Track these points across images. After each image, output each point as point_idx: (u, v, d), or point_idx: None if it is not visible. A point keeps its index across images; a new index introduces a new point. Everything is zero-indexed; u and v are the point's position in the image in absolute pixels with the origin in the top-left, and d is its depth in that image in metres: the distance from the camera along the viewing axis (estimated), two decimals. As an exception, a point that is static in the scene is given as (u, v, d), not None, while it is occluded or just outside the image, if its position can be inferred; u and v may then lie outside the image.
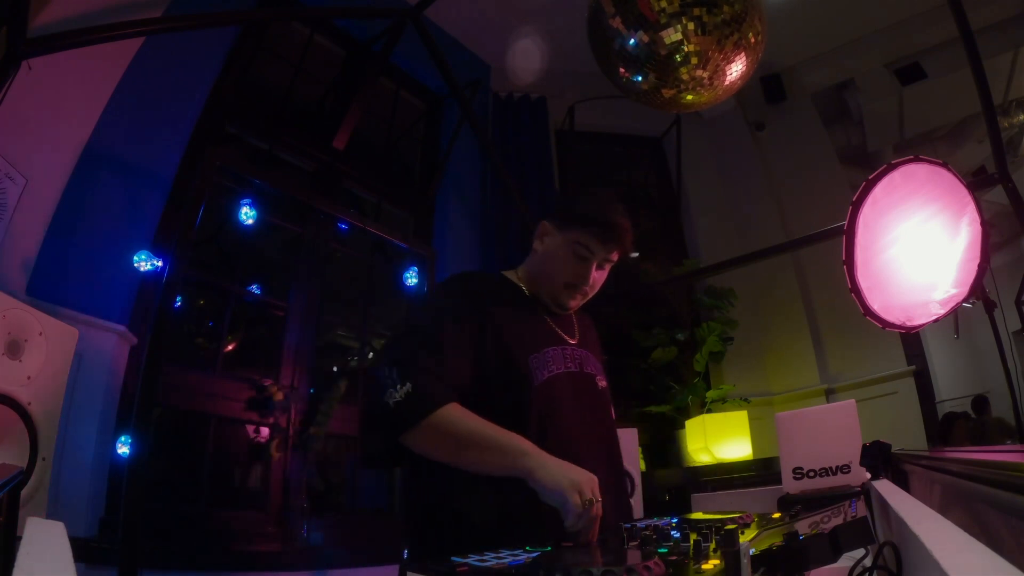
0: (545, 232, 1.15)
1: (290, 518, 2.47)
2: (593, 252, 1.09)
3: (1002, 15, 3.90)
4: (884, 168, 1.74)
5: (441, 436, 0.91)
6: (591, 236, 1.09)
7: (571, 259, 1.10)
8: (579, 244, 1.09)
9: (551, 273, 1.12)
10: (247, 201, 2.42)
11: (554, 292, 1.12)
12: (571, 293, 1.12)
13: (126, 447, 2.05)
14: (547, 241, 1.14)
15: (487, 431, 0.91)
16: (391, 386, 0.91)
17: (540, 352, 1.06)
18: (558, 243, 1.11)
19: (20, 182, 1.93)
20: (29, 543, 0.58)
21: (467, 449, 0.91)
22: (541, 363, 1.04)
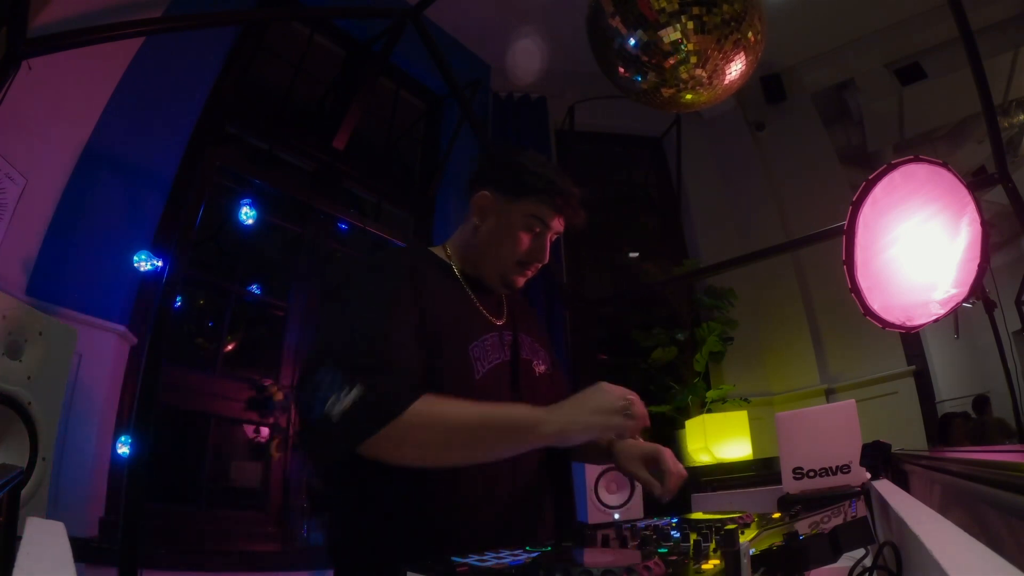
0: (487, 204, 1.00)
1: (290, 518, 2.47)
2: (548, 225, 0.99)
3: (1002, 15, 3.90)
4: (884, 168, 1.74)
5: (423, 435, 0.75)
6: (547, 207, 0.98)
7: (524, 234, 0.98)
8: (533, 217, 0.98)
9: (500, 250, 0.99)
10: (247, 201, 2.42)
11: (503, 270, 1.00)
12: (522, 270, 1.01)
13: (126, 447, 2.05)
14: (490, 215, 1.00)
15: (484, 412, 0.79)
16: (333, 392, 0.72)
17: (479, 340, 0.93)
18: (506, 216, 0.99)
19: (20, 182, 1.93)
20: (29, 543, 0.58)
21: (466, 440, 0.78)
22: (481, 353, 0.93)
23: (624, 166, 4.88)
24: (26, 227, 1.96)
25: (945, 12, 2.00)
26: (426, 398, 0.76)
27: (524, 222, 0.98)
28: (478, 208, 1.02)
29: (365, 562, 0.85)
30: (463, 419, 0.78)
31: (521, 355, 1.01)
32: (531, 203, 0.98)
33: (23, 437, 1.24)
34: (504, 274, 1.00)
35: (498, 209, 1.00)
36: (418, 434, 0.75)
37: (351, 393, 0.72)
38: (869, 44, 4.29)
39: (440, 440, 0.77)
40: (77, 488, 1.90)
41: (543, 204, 0.98)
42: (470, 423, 0.78)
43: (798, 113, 4.41)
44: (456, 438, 0.78)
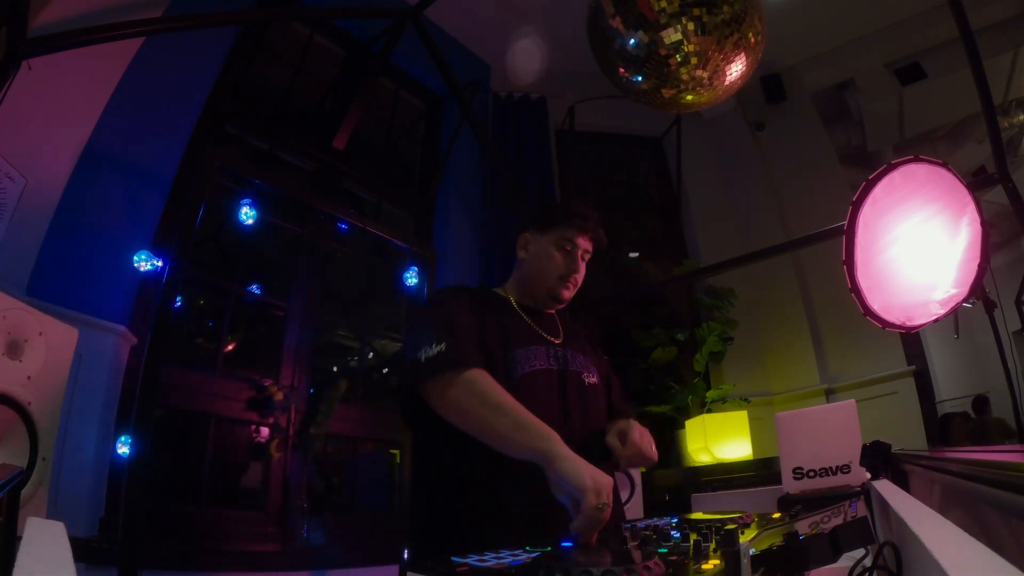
0: (527, 242, 1.27)
1: (290, 518, 2.47)
2: (576, 244, 1.24)
3: (1002, 15, 3.90)
4: (884, 168, 1.74)
5: (468, 394, 0.94)
6: (572, 229, 1.23)
7: (558, 254, 1.23)
8: (563, 239, 1.23)
9: (543, 272, 1.24)
10: (247, 201, 2.42)
11: (549, 287, 1.23)
12: (564, 283, 1.23)
13: (126, 447, 2.05)
14: (531, 248, 1.26)
15: (514, 403, 0.92)
16: (426, 344, 0.98)
17: (527, 347, 1.14)
18: (543, 245, 1.24)
19: (20, 182, 1.93)
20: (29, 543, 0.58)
21: (491, 413, 0.92)
22: (526, 357, 1.12)
23: (624, 166, 4.88)
24: (26, 227, 1.96)
25: (945, 12, 2.00)
26: (484, 372, 0.97)
27: (556, 244, 1.24)
28: (521, 246, 1.29)
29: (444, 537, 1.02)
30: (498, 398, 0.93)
31: (570, 367, 1.19)
32: (559, 230, 1.24)
33: (23, 437, 1.24)
34: (550, 289, 1.24)
35: (536, 241, 1.26)
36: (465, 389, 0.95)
37: (436, 347, 0.97)
38: (869, 44, 4.29)
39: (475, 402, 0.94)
40: (77, 488, 1.90)
41: (569, 228, 1.24)
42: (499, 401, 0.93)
43: (798, 113, 4.41)
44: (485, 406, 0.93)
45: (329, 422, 2.63)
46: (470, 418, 0.94)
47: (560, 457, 0.84)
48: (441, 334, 0.99)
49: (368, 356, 3.69)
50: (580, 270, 1.25)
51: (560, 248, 1.24)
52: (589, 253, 1.28)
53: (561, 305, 1.27)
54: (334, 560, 2.39)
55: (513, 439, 0.90)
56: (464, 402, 0.94)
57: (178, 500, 2.33)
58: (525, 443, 0.88)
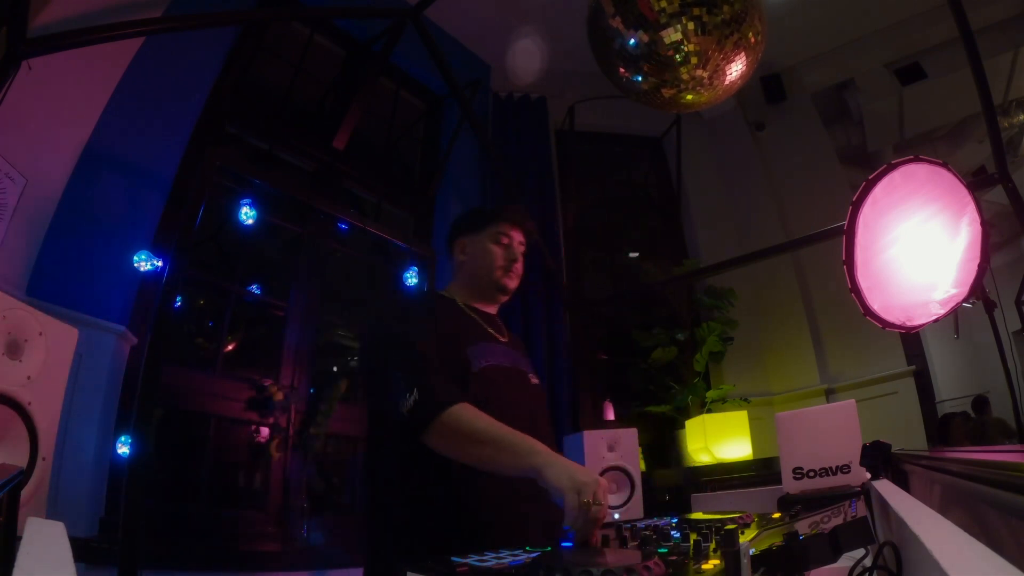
0: (464, 246, 1.35)
1: (290, 518, 2.47)
2: (510, 236, 1.32)
3: (1002, 15, 3.90)
4: (884, 168, 1.73)
5: (453, 434, 0.98)
6: (504, 223, 1.32)
7: (496, 248, 1.31)
8: (497, 233, 1.31)
9: (486, 267, 1.31)
10: (247, 201, 2.42)
11: (494, 279, 1.31)
12: (507, 273, 1.31)
13: (126, 447, 2.05)
14: (469, 249, 1.34)
15: (497, 430, 0.96)
16: (400, 395, 1.01)
17: (475, 345, 1.20)
18: (480, 243, 1.32)
19: (20, 182, 1.93)
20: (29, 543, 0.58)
21: (479, 446, 0.96)
22: (477, 354, 1.18)
23: (624, 166, 4.87)
24: (26, 227, 1.96)
25: (945, 12, 2.00)
26: (464, 405, 1.00)
27: (493, 239, 1.31)
28: (459, 251, 1.36)
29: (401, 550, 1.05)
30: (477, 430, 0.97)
31: (518, 366, 1.26)
32: (492, 226, 1.32)
33: (23, 437, 1.24)
34: (495, 281, 1.30)
35: (472, 243, 1.33)
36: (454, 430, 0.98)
37: (411, 397, 1.00)
38: (869, 44, 4.29)
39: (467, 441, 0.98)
40: (77, 488, 1.90)
41: (499, 222, 1.32)
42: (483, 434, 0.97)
43: (798, 113, 4.41)
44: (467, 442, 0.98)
45: (329, 422, 2.63)
46: (461, 456, 0.99)
47: (546, 465, 0.88)
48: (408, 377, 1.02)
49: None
50: (519, 259, 1.33)
51: (496, 242, 1.31)
52: (524, 245, 1.35)
53: (506, 296, 1.34)
54: (334, 560, 2.39)
55: (502, 464, 0.94)
56: (449, 445, 0.99)
57: (178, 500, 2.33)
58: (513, 464, 0.92)
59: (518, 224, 1.34)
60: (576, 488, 0.81)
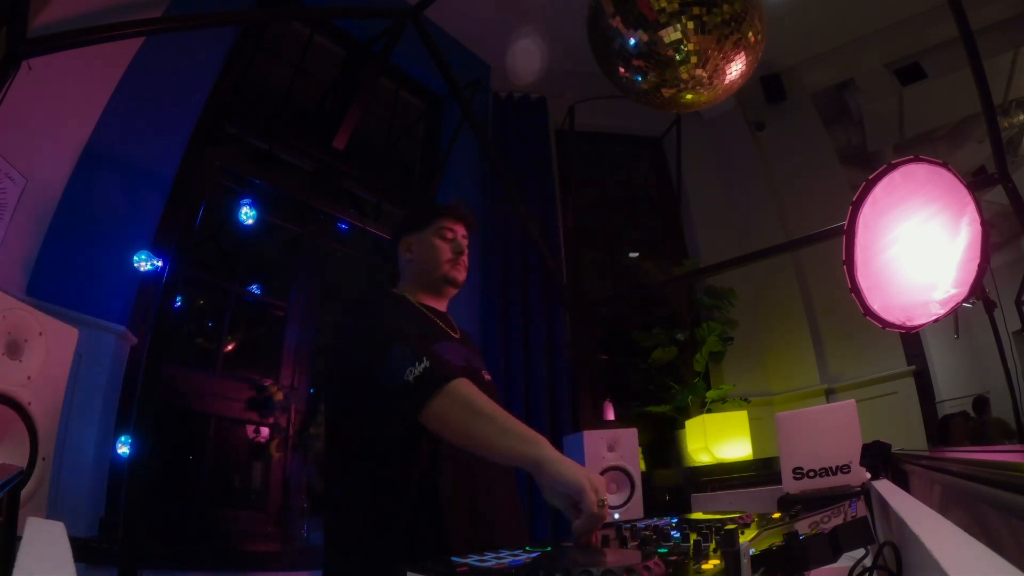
0: (407, 245, 1.36)
1: (290, 518, 2.47)
2: (454, 229, 1.34)
3: (1002, 15, 3.90)
4: (884, 168, 1.73)
5: (458, 405, 0.95)
6: (445, 217, 1.34)
7: (440, 242, 1.32)
8: (440, 228, 1.33)
9: (433, 261, 1.32)
10: (247, 201, 2.42)
11: (442, 273, 1.32)
12: (454, 265, 1.33)
13: (126, 447, 2.05)
14: (414, 247, 1.34)
15: (502, 411, 0.94)
16: (406, 364, 0.97)
17: (439, 344, 1.20)
18: (424, 240, 1.33)
19: (20, 182, 1.93)
20: (29, 543, 0.58)
21: (482, 423, 0.92)
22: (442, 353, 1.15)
23: (624, 166, 4.87)
24: (26, 227, 1.96)
25: (945, 12, 2.00)
26: (466, 380, 0.98)
27: (437, 234, 1.33)
28: (404, 250, 1.36)
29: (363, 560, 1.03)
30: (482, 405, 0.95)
31: (472, 364, 1.26)
32: (434, 223, 1.34)
33: (23, 437, 1.24)
34: (444, 274, 1.32)
35: (416, 241, 1.34)
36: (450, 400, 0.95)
37: (421, 364, 0.97)
38: (869, 44, 4.29)
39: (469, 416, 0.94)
40: (77, 488, 1.90)
41: (442, 217, 1.34)
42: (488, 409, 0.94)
43: (798, 113, 4.40)
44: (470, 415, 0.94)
45: (329, 422, 2.63)
46: (459, 432, 0.94)
47: (550, 460, 0.84)
48: (415, 348, 1.00)
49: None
50: (464, 251, 1.35)
51: (440, 237, 1.33)
52: (467, 238, 1.37)
53: (456, 289, 1.35)
54: (334, 560, 2.39)
55: (500, 446, 0.90)
56: (450, 418, 0.94)
57: (178, 500, 2.33)
58: (513, 449, 0.88)
59: (460, 218, 1.36)
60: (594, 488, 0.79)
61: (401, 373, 0.97)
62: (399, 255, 1.37)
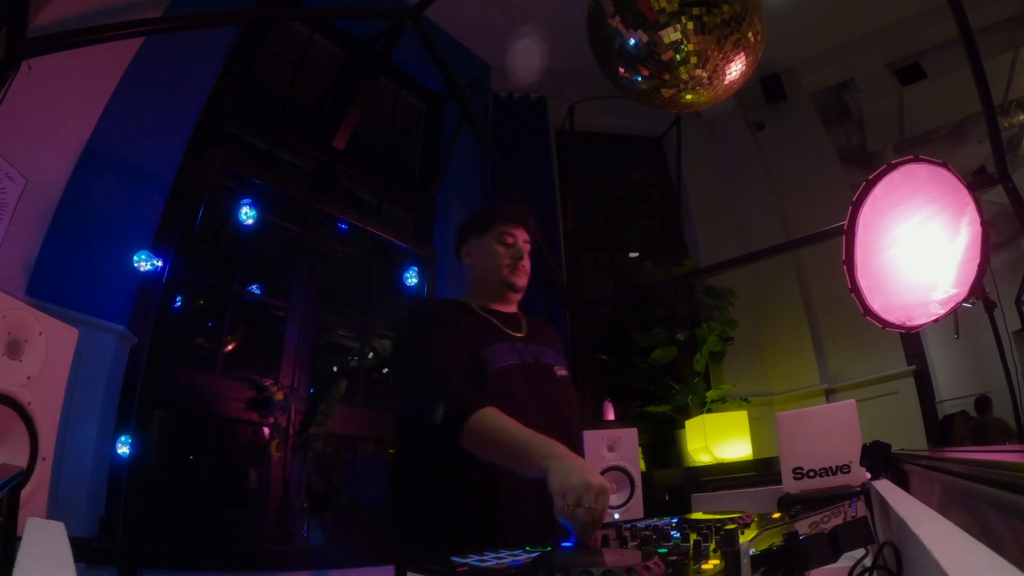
0: (468, 252, 1.38)
1: (290, 518, 2.47)
2: (514, 235, 1.34)
3: (1002, 15, 3.90)
4: (884, 168, 1.73)
5: (478, 438, 1.02)
6: (505, 223, 1.34)
7: (500, 247, 1.33)
8: (500, 234, 1.34)
9: (492, 267, 1.34)
10: (247, 201, 2.42)
11: (502, 278, 1.33)
12: (513, 270, 1.33)
13: (126, 447, 2.05)
14: (474, 253, 1.37)
15: (515, 434, 0.99)
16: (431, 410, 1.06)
17: (491, 346, 1.23)
18: (484, 245, 1.35)
19: (20, 182, 1.93)
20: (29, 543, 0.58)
21: (500, 450, 1.00)
22: (493, 355, 1.21)
23: (624, 166, 4.87)
24: (26, 227, 1.96)
25: (945, 12, 2.00)
26: (487, 410, 1.03)
27: (496, 239, 1.34)
28: (465, 255, 1.39)
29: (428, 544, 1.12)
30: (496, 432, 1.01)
31: (541, 360, 1.28)
32: (494, 228, 1.34)
33: (23, 437, 1.24)
34: (503, 279, 1.32)
35: (477, 246, 1.36)
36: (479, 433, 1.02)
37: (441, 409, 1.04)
38: (869, 44, 4.28)
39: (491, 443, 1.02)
40: (77, 488, 1.90)
41: (500, 222, 1.35)
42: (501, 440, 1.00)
43: (798, 113, 4.40)
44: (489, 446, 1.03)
45: (329, 422, 2.63)
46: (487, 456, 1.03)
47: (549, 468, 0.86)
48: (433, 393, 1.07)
49: (368, 356, 3.69)
50: (524, 256, 1.35)
51: (500, 242, 1.34)
52: (529, 243, 1.38)
53: (518, 293, 1.36)
54: (334, 560, 2.39)
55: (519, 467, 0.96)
56: (476, 448, 1.03)
57: (178, 500, 2.32)
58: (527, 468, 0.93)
59: (519, 222, 1.36)
60: (562, 491, 0.80)
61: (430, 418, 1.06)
62: (462, 261, 1.40)
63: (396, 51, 3.16)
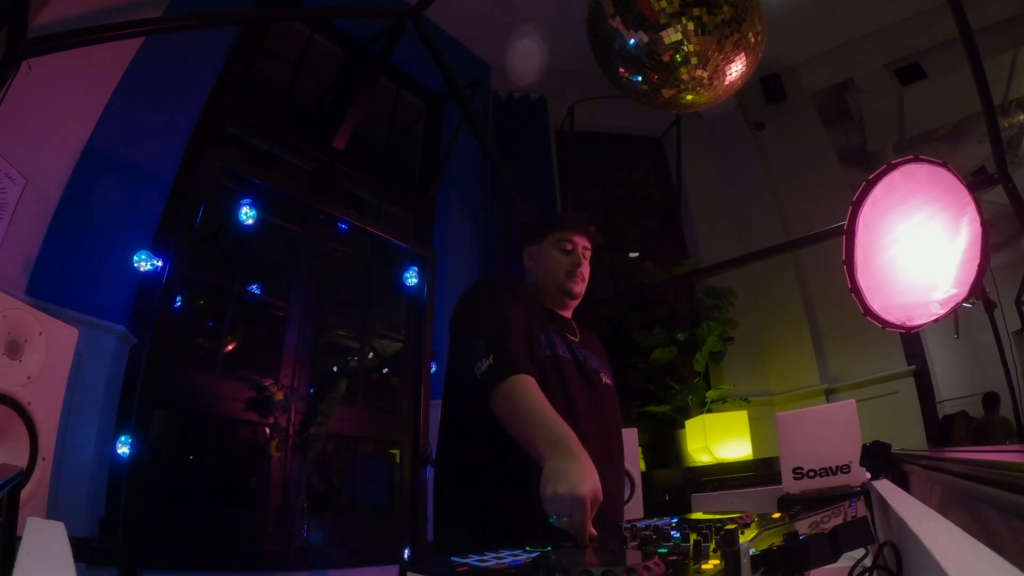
0: (530, 255, 1.40)
1: (290, 518, 2.47)
2: (574, 242, 1.35)
3: (1002, 15, 3.90)
4: (884, 168, 1.74)
5: (509, 400, 1.01)
6: (565, 230, 1.36)
7: (559, 254, 1.35)
8: (560, 240, 1.35)
9: (551, 272, 1.35)
10: (247, 201, 2.42)
11: (560, 284, 1.34)
12: (571, 278, 1.34)
13: (126, 447, 2.05)
14: (536, 257, 1.38)
15: (534, 409, 0.98)
16: (478, 359, 1.05)
17: (550, 335, 1.24)
18: (545, 251, 1.36)
19: (20, 182, 1.93)
20: (29, 543, 0.58)
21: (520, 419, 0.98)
22: (550, 342, 1.22)
23: (624, 166, 4.88)
24: (26, 227, 1.96)
25: (945, 12, 2.00)
26: (527, 377, 1.03)
27: (556, 247, 1.36)
28: (528, 259, 1.41)
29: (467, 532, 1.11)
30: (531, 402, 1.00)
31: (591, 364, 1.29)
32: (555, 234, 1.36)
33: (23, 437, 1.24)
34: (560, 285, 1.34)
35: (539, 251, 1.38)
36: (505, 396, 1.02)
37: (486, 361, 1.05)
38: (869, 44, 4.29)
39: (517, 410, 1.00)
40: (77, 488, 1.90)
41: (561, 230, 1.36)
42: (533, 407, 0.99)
43: (798, 113, 4.41)
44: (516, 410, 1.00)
45: (329, 422, 2.63)
46: (507, 422, 1.01)
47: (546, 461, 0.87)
48: (489, 344, 1.07)
49: (368, 356, 3.69)
50: (583, 264, 1.36)
51: (560, 249, 1.35)
52: (589, 250, 1.38)
53: (574, 300, 1.37)
54: (334, 560, 2.39)
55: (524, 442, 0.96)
56: (503, 408, 1.02)
57: (178, 500, 2.33)
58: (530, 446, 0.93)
59: (579, 229, 1.37)
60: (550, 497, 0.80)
61: (473, 366, 1.06)
62: (524, 263, 1.42)
63: (396, 51, 3.16)
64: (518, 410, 0.99)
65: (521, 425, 0.98)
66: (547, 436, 0.92)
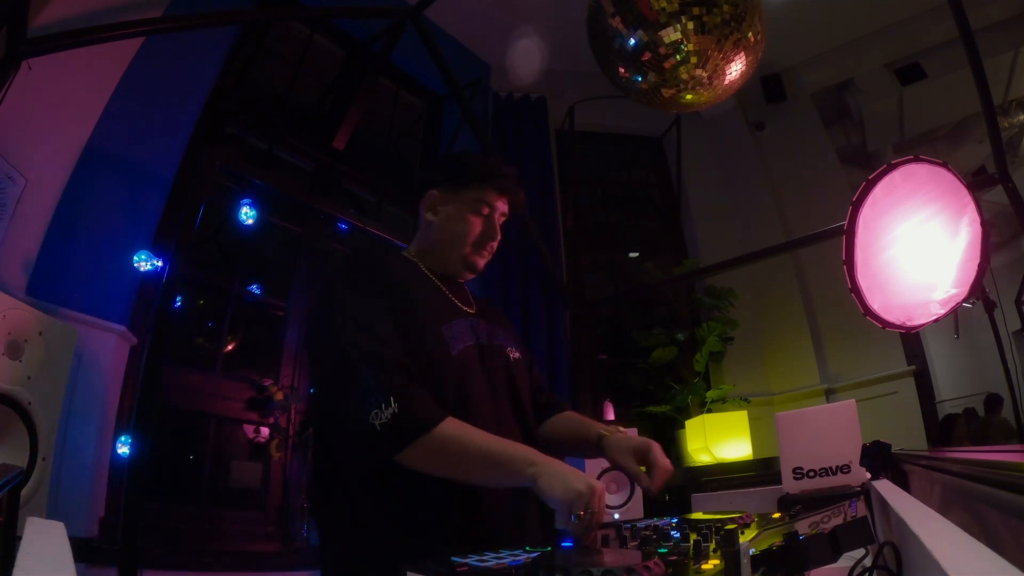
0: (435, 201, 1.12)
1: (290, 518, 2.47)
2: (494, 207, 1.10)
3: (1002, 15, 3.90)
4: (884, 168, 1.74)
5: (440, 455, 0.85)
6: (490, 190, 1.09)
7: (474, 218, 1.09)
8: (479, 201, 1.09)
9: (457, 237, 1.10)
10: (247, 201, 2.42)
11: (463, 254, 1.10)
12: (480, 251, 1.11)
13: (126, 447, 2.05)
14: (441, 210, 1.12)
15: (488, 445, 0.86)
16: (370, 402, 0.84)
17: (449, 323, 1.02)
18: (456, 207, 1.10)
19: (20, 182, 1.93)
20: (29, 543, 0.58)
21: (470, 465, 0.86)
22: (451, 334, 1.01)
23: (624, 166, 4.87)
24: (26, 227, 1.96)
25: (945, 12, 2.00)
26: (449, 421, 0.86)
27: (472, 207, 1.09)
28: (428, 206, 1.13)
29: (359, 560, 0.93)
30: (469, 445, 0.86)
31: (494, 341, 1.09)
32: (475, 190, 1.09)
33: (23, 437, 1.24)
34: (464, 257, 1.10)
35: (447, 202, 1.11)
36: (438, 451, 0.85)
37: (389, 409, 0.83)
38: (869, 44, 4.28)
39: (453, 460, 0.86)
40: (77, 488, 1.90)
41: (486, 188, 1.09)
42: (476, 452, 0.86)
43: (798, 113, 4.40)
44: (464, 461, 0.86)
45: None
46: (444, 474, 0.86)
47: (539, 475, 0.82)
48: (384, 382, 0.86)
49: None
50: (497, 236, 1.12)
51: (476, 211, 1.09)
52: (506, 216, 1.14)
53: (474, 275, 1.14)
54: (334, 560, 2.38)
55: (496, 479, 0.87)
56: (430, 466, 0.86)
57: (178, 500, 2.33)
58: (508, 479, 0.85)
59: (505, 191, 1.11)
60: (567, 499, 0.77)
61: (366, 414, 0.83)
62: (420, 208, 1.15)
63: (396, 51, 3.16)
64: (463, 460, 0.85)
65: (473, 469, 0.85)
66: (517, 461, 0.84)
